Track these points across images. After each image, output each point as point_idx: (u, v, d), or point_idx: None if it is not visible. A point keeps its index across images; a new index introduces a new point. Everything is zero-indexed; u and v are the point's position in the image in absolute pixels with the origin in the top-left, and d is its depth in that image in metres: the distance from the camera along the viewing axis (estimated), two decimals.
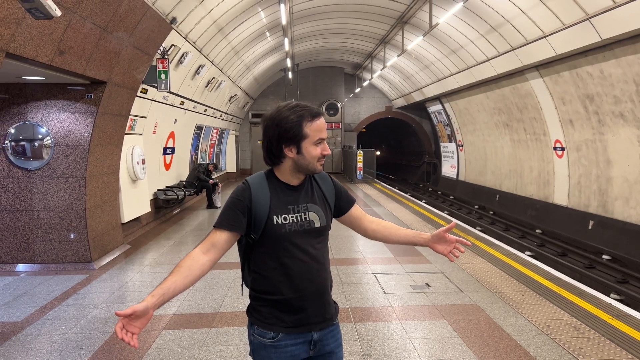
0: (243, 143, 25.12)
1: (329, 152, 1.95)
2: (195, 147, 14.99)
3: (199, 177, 12.73)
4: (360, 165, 19.57)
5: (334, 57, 23.56)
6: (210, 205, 12.91)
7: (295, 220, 1.90)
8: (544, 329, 4.40)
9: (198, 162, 15.31)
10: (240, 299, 5.36)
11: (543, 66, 11.55)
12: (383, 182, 21.26)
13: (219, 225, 1.88)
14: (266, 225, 1.87)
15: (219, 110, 16.75)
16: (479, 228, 13.37)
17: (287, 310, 1.90)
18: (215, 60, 12.72)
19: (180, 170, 13.13)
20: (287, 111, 1.87)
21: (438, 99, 20.69)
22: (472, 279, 6.00)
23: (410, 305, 5.11)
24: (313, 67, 25.13)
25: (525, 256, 7.00)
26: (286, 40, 14.11)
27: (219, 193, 13.25)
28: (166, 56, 8.41)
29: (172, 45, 8.88)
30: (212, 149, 17.96)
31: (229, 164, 22.51)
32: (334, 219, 2.16)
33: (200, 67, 11.46)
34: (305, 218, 1.93)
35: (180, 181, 12.78)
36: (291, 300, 1.89)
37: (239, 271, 6.45)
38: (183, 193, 11.48)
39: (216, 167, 13.92)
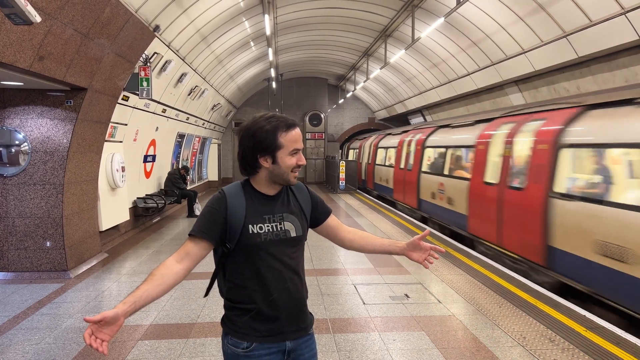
0: (225, 152, 25.01)
1: (304, 162, 1.97)
2: (176, 155, 14.88)
3: (176, 184, 12.60)
4: (342, 175, 19.62)
5: (318, 68, 23.69)
6: (191, 214, 12.81)
7: (270, 230, 1.92)
8: (519, 340, 4.45)
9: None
10: (218, 310, 5.31)
11: (522, 81, 11.77)
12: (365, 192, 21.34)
13: (194, 233, 1.88)
14: (241, 234, 1.88)
15: (201, 119, 16.67)
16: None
17: (262, 319, 1.90)
18: (198, 68, 12.69)
19: (161, 179, 13.00)
20: (262, 121, 1.90)
21: (420, 111, 20.91)
22: (450, 290, 6.04)
23: (389, 316, 5.13)
24: (297, 78, 25.22)
25: (502, 267, 7.08)
26: (270, 51, 14.16)
27: (197, 203, 13.14)
28: (149, 64, 8.37)
29: (155, 52, 8.84)
30: (193, 158, 17.84)
31: (211, 173, 22.37)
32: (311, 229, 2.19)
33: (183, 75, 11.42)
34: (280, 228, 1.95)
35: (161, 189, 12.66)
36: (266, 309, 1.89)
37: None
38: (163, 201, 11.37)
39: (187, 170, 13.70)
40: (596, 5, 7.74)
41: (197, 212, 12.80)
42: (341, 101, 25.61)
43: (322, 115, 25.58)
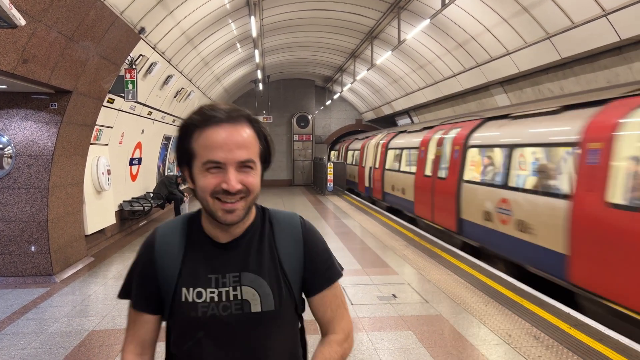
0: None
1: (233, 186, 1.20)
2: (163, 157, 14.80)
3: (169, 188, 12.49)
4: (330, 177, 19.65)
5: (305, 69, 23.71)
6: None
7: (215, 299, 1.27)
8: (505, 338, 4.51)
9: (165, 173, 15.09)
10: None
11: (507, 82, 11.91)
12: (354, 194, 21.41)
13: (124, 296, 1.38)
14: (173, 301, 1.29)
15: None
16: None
17: None
18: (184, 70, 12.65)
19: (147, 182, 12.92)
20: (188, 116, 1.28)
21: (407, 112, 21.03)
22: (437, 289, 6.09)
23: (377, 317, 5.16)
24: (284, 79, 25.23)
25: (488, 267, 7.15)
26: (257, 52, 14.15)
27: (185, 203, 13.03)
28: (134, 66, 8.33)
29: (141, 55, 8.80)
30: None
31: None
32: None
33: (169, 77, 11.37)
34: (234, 296, 1.27)
35: (147, 192, 12.57)
36: None
37: None
38: (150, 204, 11.30)
39: (184, 179, 13.61)
40: (578, 7, 7.87)
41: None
42: (328, 102, 25.65)
43: (309, 117, 25.62)
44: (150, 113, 11.47)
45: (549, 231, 5.96)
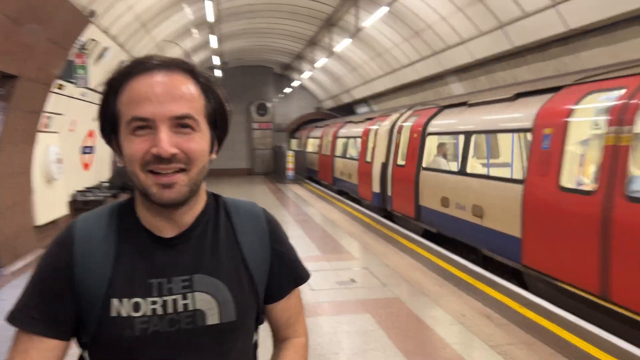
0: None
1: (164, 149, 0.92)
2: None
3: (126, 183, 12.15)
4: (291, 165, 19.62)
5: (264, 56, 23.49)
6: None
7: (158, 311, 0.98)
8: (459, 318, 4.66)
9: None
10: None
11: (462, 71, 12.16)
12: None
13: (17, 320, 0.98)
14: (99, 320, 0.97)
15: None
16: None
17: None
18: (137, 56, 12.29)
19: (101, 171, 12.54)
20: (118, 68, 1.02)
21: (366, 101, 21.19)
22: (395, 273, 6.22)
23: (336, 301, 5.22)
24: (242, 66, 24.90)
25: (444, 250, 7.34)
26: (214, 38, 13.90)
27: None
28: (85, 51, 8.02)
29: (92, 39, 8.48)
30: None
31: None
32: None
33: (122, 63, 11.03)
34: (184, 306, 0.99)
35: (101, 182, 12.21)
36: None
37: None
38: (104, 195, 10.99)
39: None
40: None
41: None
42: (288, 90, 25.52)
43: (268, 105, 25.44)
44: None
45: (354, 176, 8.85)
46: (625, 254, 4.24)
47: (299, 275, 1.19)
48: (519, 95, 6.53)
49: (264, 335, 1.23)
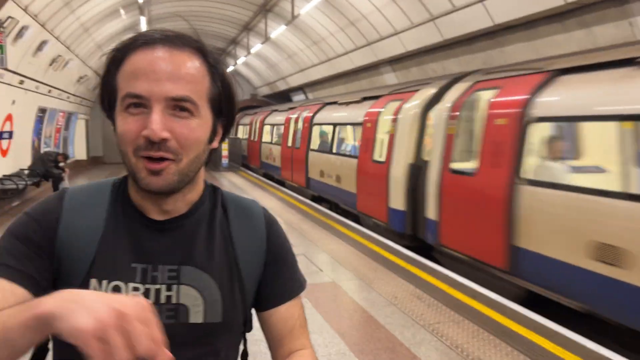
0: (94, 128, 23.21)
1: (155, 132, 0.82)
2: (37, 131, 13.54)
3: (49, 170, 11.47)
4: (225, 153, 19.32)
5: None
6: None
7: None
8: (392, 300, 4.84)
9: (42, 149, 13.84)
10: None
11: (395, 61, 12.47)
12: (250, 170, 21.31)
13: None
14: None
15: (66, 92, 15.30)
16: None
17: None
18: (61, 36, 11.58)
19: (20, 158, 11.76)
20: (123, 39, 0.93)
21: (302, 89, 21.21)
22: (331, 259, 6.34)
23: None
24: None
25: (377, 236, 7.57)
26: (143, 20, 13.35)
27: (64, 180, 12.05)
28: (2, 29, 7.46)
29: (9, 17, 7.90)
30: (58, 134, 16.37)
31: (79, 151, 20.71)
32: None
33: (43, 43, 10.36)
34: (167, 298, 0.91)
35: (21, 169, 11.47)
36: None
37: None
38: (24, 182, 10.34)
39: (66, 157, 12.50)
40: None
41: None
42: None
43: None
44: (22, 82, 10.39)
45: (349, 180, 9.28)
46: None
47: (299, 283, 1.08)
48: (365, 99, 9.71)
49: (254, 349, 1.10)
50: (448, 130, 6.36)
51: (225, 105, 0.94)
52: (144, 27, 13.96)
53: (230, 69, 23.41)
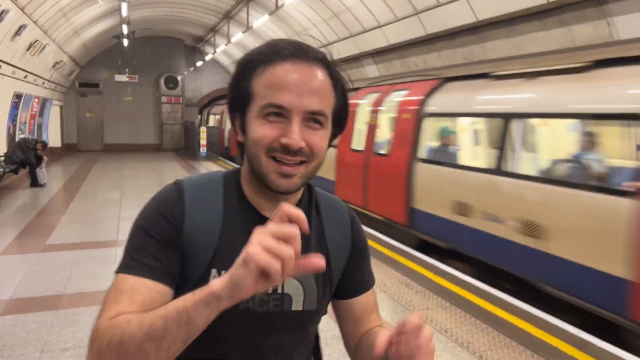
0: (69, 115, 22.76)
1: (295, 141, 0.92)
2: (13, 117, 13.23)
3: (26, 153, 11.21)
4: (203, 142, 19.20)
5: (174, 27, 22.54)
6: (35, 183, 11.55)
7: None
8: (381, 287, 5.02)
9: (17, 136, 13.53)
10: (88, 281, 5.06)
11: (378, 54, 12.62)
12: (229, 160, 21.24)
13: (134, 270, 0.93)
14: (197, 284, 0.82)
15: (41, 77, 14.97)
16: None
17: None
18: (39, 21, 11.33)
19: None
20: (251, 51, 1.01)
21: None
22: None
23: None
24: (150, 37, 23.69)
25: (366, 228, 7.74)
26: (124, 5, 13.13)
27: (42, 168, 11.82)
28: None
29: None
30: (32, 121, 16.00)
31: (53, 138, 20.20)
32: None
33: (21, 27, 10.14)
34: (275, 289, 1.01)
35: None
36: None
37: (82, 252, 6.06)
38: (2, 170, 10.14)
39: (45, 145, 12.16)
40: None
41: (43, 180, 11.61)
42: (199, 64, 24.76)
43: (178, 78, 24.54)
44: None
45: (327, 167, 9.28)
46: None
47: (373, 274, 1.19)
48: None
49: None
50: (370, 122, 8.39)
51: (343, 116, 1.04)
52: (125, 12, 13.74)
53: (208, 57, 23.22)
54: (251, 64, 0.97)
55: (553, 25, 7.51)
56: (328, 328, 3.20)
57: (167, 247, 0.95)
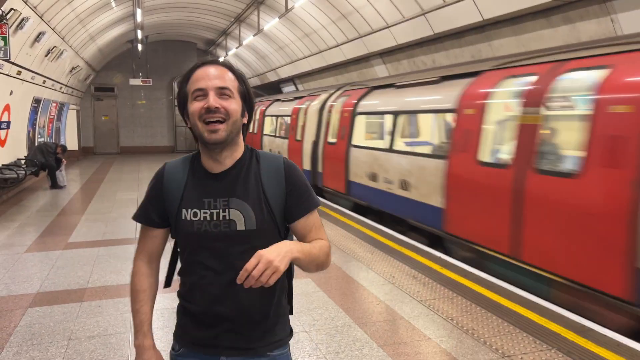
0: (85, 119, 23.25)
1: (212, 103, 1.49)
2: (32, 122, 13.62)
3: (46, 156, 11.57)
4: None
5: (187, 31, 22.89)
6: (54, 185, 11.93)
7: (207, 218, 1.56)
8: (390, 279, 5.20)
9: (36, 139, 13.92)
10: (109, 275, 5.32)
11: (386, 54, 12.76)
12: None
13: (136, 217, 1.68)
14: (176, 220, 1.60)
15: (58, 82, 15.36)
16: None
17: (196, 323, 1.62)
18: (57, 27, 11.68)
19: (16, 148, 11.89)
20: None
21: (292, 80, 21.40)
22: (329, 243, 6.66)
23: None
24: (164, 41, 24.11)
25: (372, 222, 7.92)
26: (139, 11, 13.45)
27: (62, 170, 12.20)
28: (5, 21, 7.61)
29: (12, 9, 8.04)
30: (50, 125, 16.42)
31: (70, 142, 20.66)
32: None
33: (41, 34, 10.47)
34: (223, 216, 1.55)
35: (18, 159, 11.60)
36: (201, 314, 1.60)
37: (102, 249, 6.33)
38: (23, 172, 10.49)
39: (64, 149, 12.51)
40: None
41: (63, 183, 11.99)
42: None
43: None
44: (19, 73, 10.52)
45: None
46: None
47: (309, 204, 1.66)
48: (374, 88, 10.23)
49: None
50: (325, 119, 10.97)
51: (247, 97, 1.61)
52: (139, 18, 14.06)
53: (220, 59, 23.45)
54: (184, 79, 1.57)
55: (558, 23, 7.61)
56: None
57: (157, 204, 1.64)
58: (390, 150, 7.99)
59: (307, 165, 11.53)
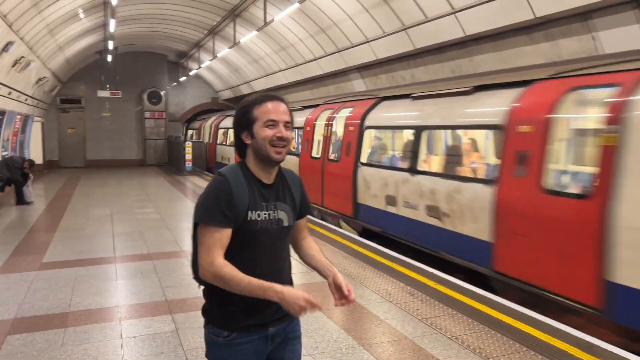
0: (50, 132, 22.43)
1: (285, 134, 1.93)
2: None
3: (12, 171, 11.02)
4: (189, 157, 19.11)
5: (157, 43, 22.49)
6: (21, 200, 11.36)
7: (267, 218, 1.95)
8: (387, 297, 5.08)
9: (1, 154, 13.29)
10: (92, 297, 5.01)
11: (364, 68, 12.79)
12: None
13: (218, 222, 1.86)
14: (243, 220, 1.90)
15: (24, 94, 14.77)
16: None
17: (246, 310, 1.91)
18: (25, 37, 11.23)
19: None
20: (246, 100, 2.01)
21: None
22: None
23: None
24: (133, 52, 23.59)
25: (360, 238, 7.82)
26: (112, 22, 13.10)
27: (29, 186, 11.64)
28: None
29: None
30: (14, 138, 15.74)
31: (34, 155, 19.84)
32: None
33: (9, 43, 10.04)
34: (274, 216, 1.97)
35: None
36: (255, 300, 1.83)
37: (81, 269, 5.99)
38: None
39: (32, 164, 11.95)
40: (432, 3, 8.80)
41: (30, 199, 11.44)
42: (183, 79, 24.72)
43: (161, 93, 24.42)
44: None
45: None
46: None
47: (310, 208, 2.25)
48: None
49: None
50: (325, 134, 10.16)
51: (292, 124, 2.04)
52: (112, 28, 13.69)
53: (193, 72, 23.20)
54: (253, 103, 1.97)
55: (539, 40, 7.75)
56: None
57: (227, 207, 1.87)
58: (415, 171, 7.01)
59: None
